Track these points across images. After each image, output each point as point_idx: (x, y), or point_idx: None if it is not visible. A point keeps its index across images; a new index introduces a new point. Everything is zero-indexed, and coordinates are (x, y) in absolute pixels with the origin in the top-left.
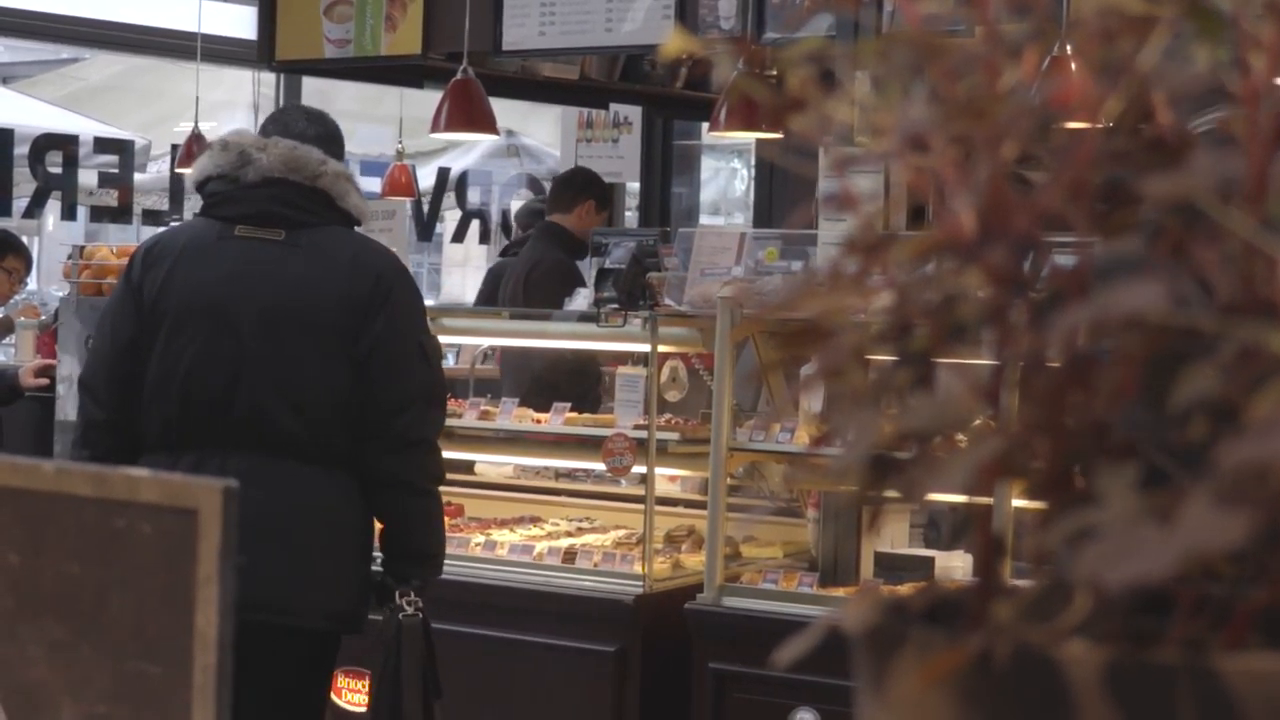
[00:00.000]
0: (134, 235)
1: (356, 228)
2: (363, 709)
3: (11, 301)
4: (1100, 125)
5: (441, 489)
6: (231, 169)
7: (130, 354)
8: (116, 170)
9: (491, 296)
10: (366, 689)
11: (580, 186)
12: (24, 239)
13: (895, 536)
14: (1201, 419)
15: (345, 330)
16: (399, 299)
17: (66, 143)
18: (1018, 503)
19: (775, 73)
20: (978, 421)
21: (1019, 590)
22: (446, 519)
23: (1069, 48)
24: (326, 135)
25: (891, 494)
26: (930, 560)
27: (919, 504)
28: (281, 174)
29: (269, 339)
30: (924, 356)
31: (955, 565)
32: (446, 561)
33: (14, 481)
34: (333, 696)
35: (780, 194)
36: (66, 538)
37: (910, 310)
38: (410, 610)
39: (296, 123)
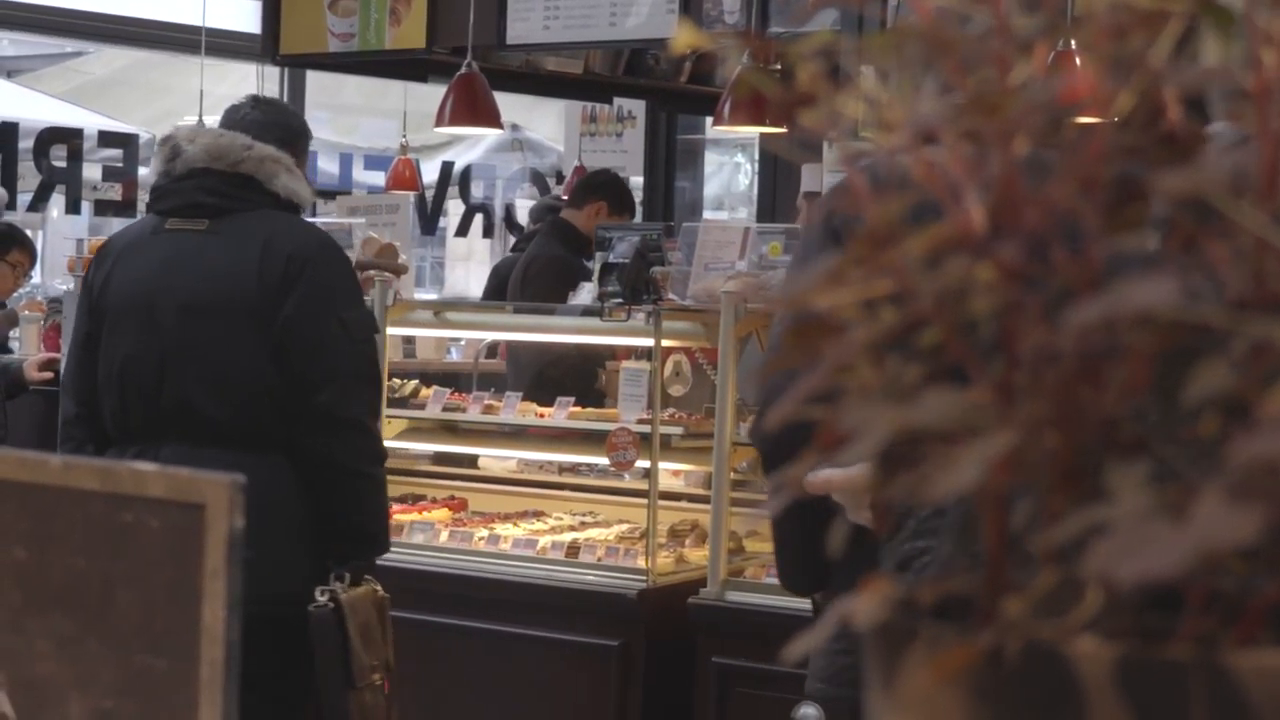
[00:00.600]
0: None
1: (316, 206)
2: None
3: (15, 295)
4: (1112, 120)
5: (378, 468)
6: (165, 163)
7: (87, 350)
8: (121, 164)
9: (496, 293)
10: None
11: (595, 187)
12: (28, 232)
13: None
14: (1213, 415)
15: (260, 313)
16: (312, 277)
17: (71, 137)
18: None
19: (780, 67)
20: (988, 418)
21: (1029, 586)
22: (447, 512)
23: (1077, 43)
24: (268, 121)
25: (900, 493)
26: None
27: (929, 501)
28: (205, 163)
29: (190, 330)
30: (934, 353)
31: None
32: (451, 555)
33: (21, 476)
34: None
35: (784, 189)
36: (73, 532)
37: (920, 306)
38: (322, 599)
39: (241, 109)
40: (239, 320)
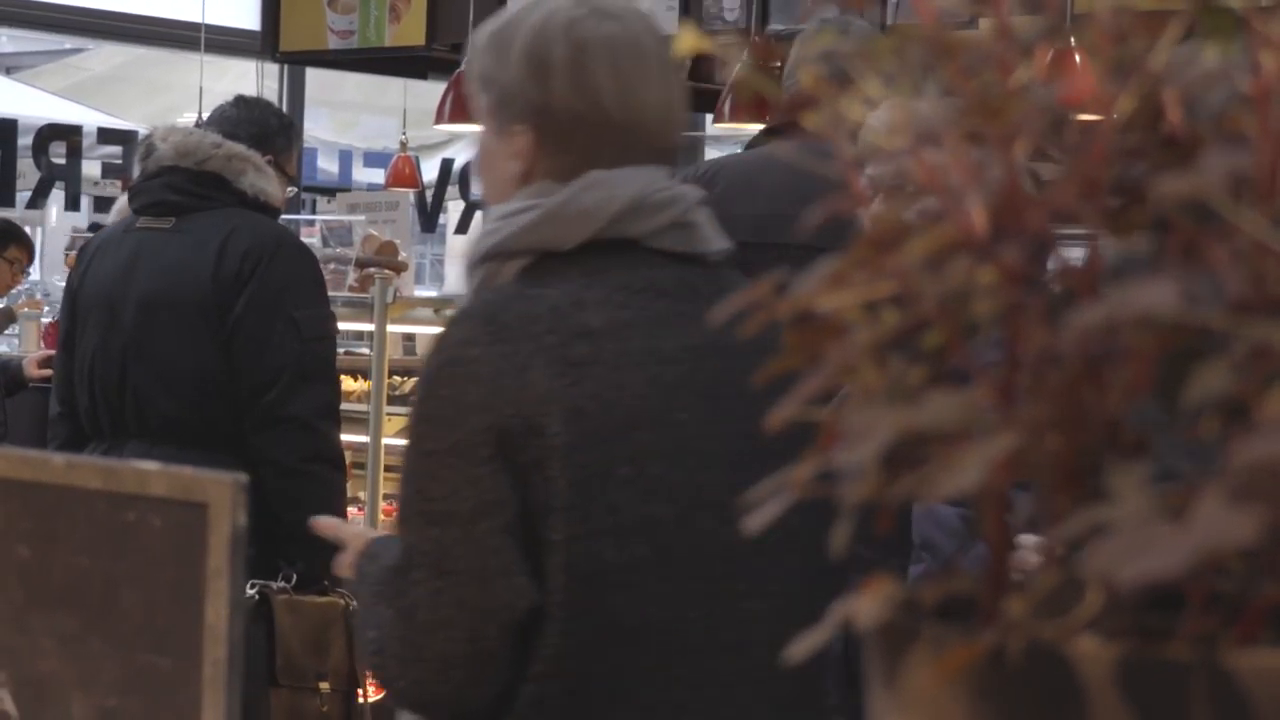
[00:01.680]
0: None
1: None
2: None
3: (13, 292)
4: (1113, 122)
5: (324, 468)
6: (140, 161)
7: (66, 349)
8: (120, 161)
9: None
10: None
11: None
12: (27, 229)
13: None
14: (1214, 417)
15: (213, 311)
16: (266, 274)
17: (70, 133)
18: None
19: (779, 65)
20: (990, 420)
21: (1031, 586)
22: None
23: (1076, 44)
24: (243, 118)
25: (902, 495)
26: None
27: (931, 502)
28: (173, 161)
29: (147, 328)
30: (936, 355)
31: None
32: None
33: (24, 474)
34: None
35: None
36: (77, 531)
37: (922, 308)
38: (250, 592)
39: (225, 109)
40: (191, 317)
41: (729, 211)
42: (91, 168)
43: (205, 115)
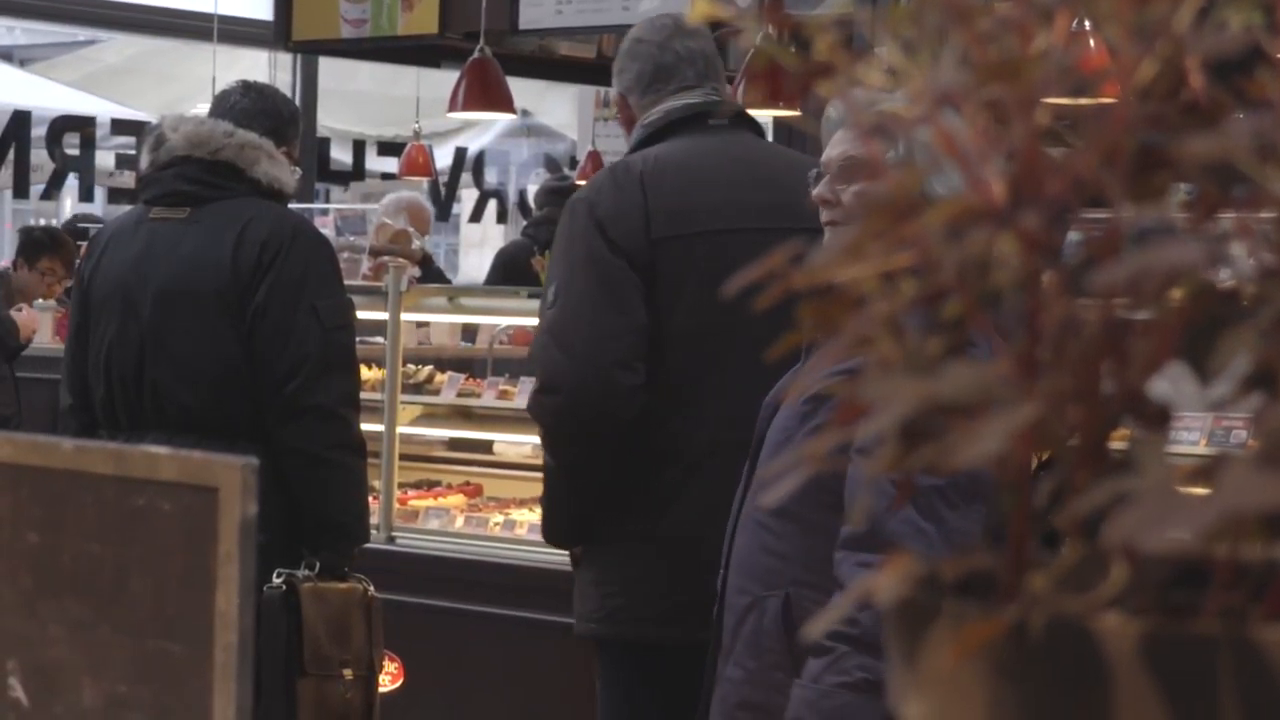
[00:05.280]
0: None
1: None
2: None
3: (48, 302)
4: (1134, 89)
5: (349, 456)
6: (150, 152)
7: (78, 341)
8: (133, 152)
9: (502, 275)
10: None
11: None
12: (41, 220)
13: None
14: (1240, 383)
15: (233, 301)
16: (285, 264)
17: (84, 125)
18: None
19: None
20: (1011, 390)
21: (1053, 561)
22: (462, 497)
23: (1099, 11)
24: (256, 109)
25: (921, 466)
26: None
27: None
28: (185, 151)
29: (164, 318)
30: (956, 325)
31: None
32: (466, 541)
33: (33, 460)
34: None
35: None
36: (86, 516)
37: (942, 278)
38: (276, 582)
39: (230, 96)
40: (210, 308)
41: (691, 202)
42: (105, 158)
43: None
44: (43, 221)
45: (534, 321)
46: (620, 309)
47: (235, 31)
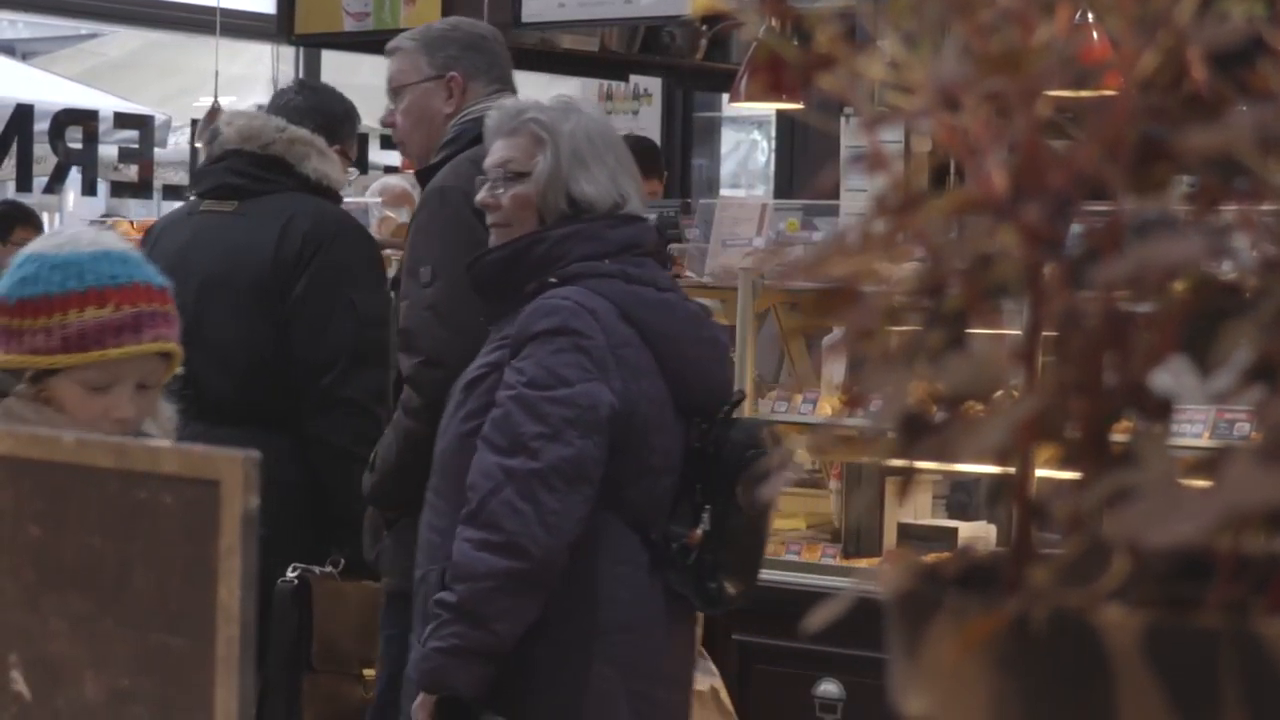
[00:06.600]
0: (154, 210)
1: (343, 190)
2: None
3: None
4: (1136, 81)
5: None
6: (206, 145)
7: None
8: (137, 145)
9: None
10: None
11: None
12: (44, 215)
13: (918, 507)
14: (1242, 375)
15: (271, 292)
16: (326, 258)
17: (86, 118)
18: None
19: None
20: (1013, 383)
21: (1055, 555)
22: None
23: (1100, 2)
24: (309, 106)
25: (923, 458)
26: (954, 531)
27: (951, 467)
28: (236, 145)
29: (206, 309)
30: (957, 318)
31: (979, 536)
32: None
33: (34, 453)
34: None
35: (801, 166)
36: (88, 510)
37: (943, 271)
38: (290, 576)
39: (286, 94)
40: (250, 299)
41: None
42: (108, 152)
43: (220, 98)
44: (45, 216)
45: None
46: None
47: (238, 25)
